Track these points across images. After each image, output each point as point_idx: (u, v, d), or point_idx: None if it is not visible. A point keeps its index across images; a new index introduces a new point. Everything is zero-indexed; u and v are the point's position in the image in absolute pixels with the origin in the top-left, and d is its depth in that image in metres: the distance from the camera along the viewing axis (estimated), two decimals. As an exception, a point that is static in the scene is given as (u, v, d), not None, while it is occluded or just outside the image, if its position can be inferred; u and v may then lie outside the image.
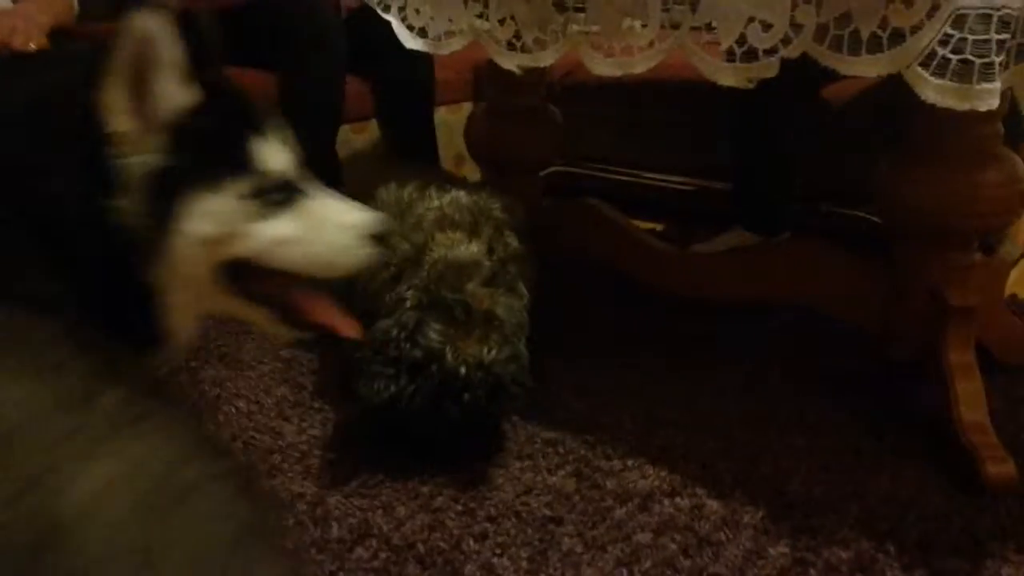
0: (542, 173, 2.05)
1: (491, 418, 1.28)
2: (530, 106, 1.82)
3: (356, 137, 2.52)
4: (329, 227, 0.81)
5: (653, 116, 2.36)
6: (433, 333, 1.19)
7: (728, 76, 1.16)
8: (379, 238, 0.82)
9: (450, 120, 2.70)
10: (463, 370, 1.17)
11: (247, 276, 0.78)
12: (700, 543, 1.05)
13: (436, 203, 1.41)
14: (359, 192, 2.06)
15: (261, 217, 0.76)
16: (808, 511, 1.11)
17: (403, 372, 1.18)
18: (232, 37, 2.24)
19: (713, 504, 1.13)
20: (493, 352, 1.20)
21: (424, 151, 2.56)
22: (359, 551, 1.04)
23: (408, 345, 1.19)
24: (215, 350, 1.61)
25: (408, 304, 1.23)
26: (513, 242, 1.42)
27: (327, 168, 2.38)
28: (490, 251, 1.35)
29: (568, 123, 1.90)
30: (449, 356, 1.18)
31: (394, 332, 1.20)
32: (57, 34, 1.68)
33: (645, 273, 1.73)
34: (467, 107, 2.73)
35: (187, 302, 0.76)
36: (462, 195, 1.44)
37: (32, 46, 1.55)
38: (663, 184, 2.49)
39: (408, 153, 2.55)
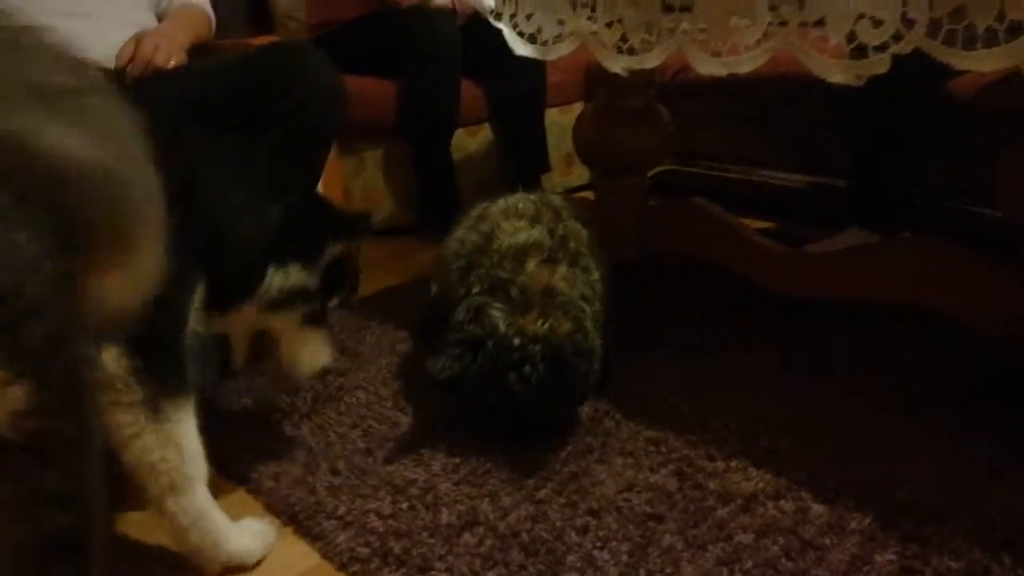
0: (651, 172, 2.06)
1: (561, 395, 1.29)
2: (638, 106, 1.84)
3: (470, 140, 2.60)
4: (313, 350, 1.25)
5: (767, 113, 2.32)
6: (494, 312, 1.27)
7: (837, 73, 1.15)
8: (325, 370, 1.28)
9: (561, 121, 2.74)
10: (517, 341, 1.24)
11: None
12: (803, 546, 1.05)
13: (502, 201, 1.54)
14: (472, 192, 2.13)
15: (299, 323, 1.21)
16: (918, 519, 1.08)
17: (466, 350, 1.26)
18: (354, 48, 2.38)
19: (818, 508, 1.12)
20: (548, 324, 1.25)
21: (535, 153, 2.62)
22: (467, 536, 1.10)
23: (472, 326, 1.27)
24: (337, 344, 1.71)
25: (475, 291, 1.32)
26: (572, 223, 1.48)
27: (441, 171, 2.48)
28: (550, 233, 1.42)
29: (680, 121, 1.90)
30: (503, 330, 1.25)
31: (461, 316, 1.30)
32: (197, 49, 1.82)
33: (756, 273, 1.71)
34: (578, 108, 2.76)
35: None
36: (526, 194, 1.56)
37: (173, 63, 1.69)
38: (776, 182, 2.44)
39: (520, 155, 2.62)
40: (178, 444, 1.02)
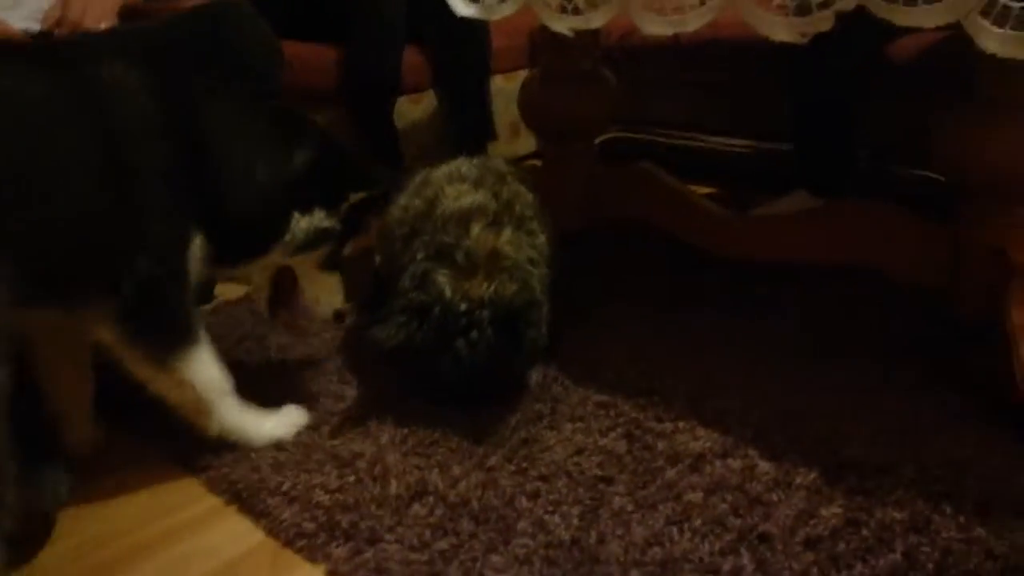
0: (598, 139, 2.04)
1: (509, 359, 1.28)
2: (584, 71, 1.82)
3: (413, 108, 2.54)
4: (329, 290, 1.33)
5: (711, 78, 2.32)
6: (440, 278, 1.26)
7: (782, 31, 1.14)
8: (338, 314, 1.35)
9: (506, 88, 2.70)
10: (464, 306, 1.23)
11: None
12: (751, 503, 1.06)
13: (445, 166, 1.52)
14: (416, 162, 2.10)
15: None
16: (863, 473, 1.10)
17: (412, 317, 1.24)
18: (294, 12, 2.29)
19: (765, 466, 1.13)
20: (494, 288, 1.24)
21: (480, 120, 2.57)
22: (416, 507, 1.08)
23: (417, 293, 1.26)
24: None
25: (419, 257, 1.31)
26: (517, 186, 1.46)
27: (384, 138, 2.42)
28: (495, 197, 1.40)
29: (626, 87, 1.88)
30: (449, 294, 1.24)
31: (406, 283, 1.29)
32: (126, 13, 1.74)
33: (702, 238, 1.72)
34: (523, 75, 2.71)
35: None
36: (469, 159, 1.54)
37: (103, 25, 1.61)
38: (722, 147, 2.45)
39: (464, 122, 2.57)
40: (190, 384, 1.12)
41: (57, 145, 0.98)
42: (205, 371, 1.14)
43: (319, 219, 1.22)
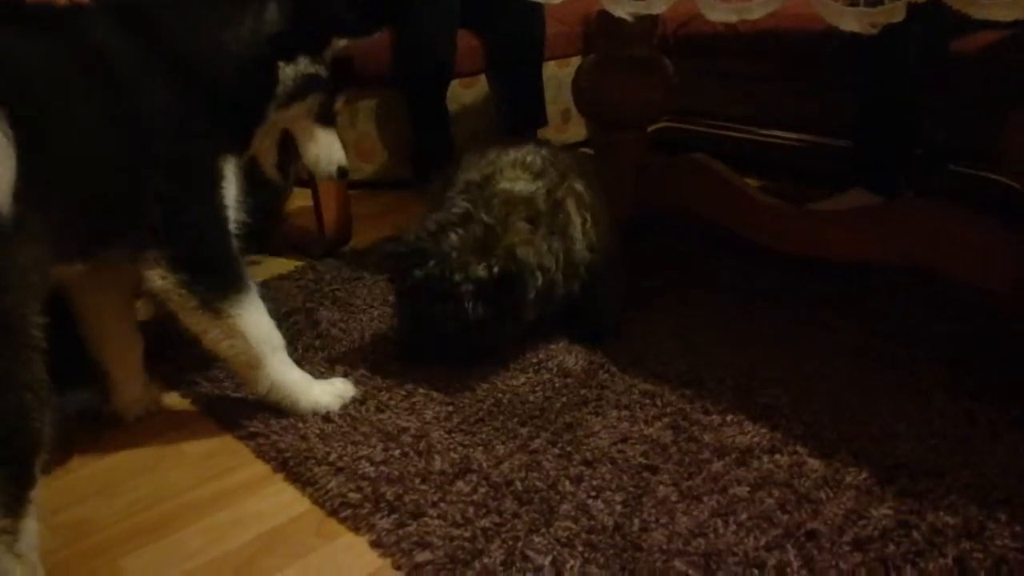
0: (651, 128, 2.02)
1: (480, 333, 1.33)
2: (641, 57, 1.79)
3: (465, 92, 2.54)
4: (328, 148, 1.35)
5: (768, 70, 2.27)
6: (453, 236, 1.30)
7: (851, 21, 1.11)
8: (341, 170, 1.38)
9: (559, 75, 2.68)
10: (457, 277, 1.27)
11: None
12: (799, 500, 1.04)
13: (513, 151, 1.50)
14: (466, 145, 2.09)
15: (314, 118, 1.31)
16: (915, 475, 1.07)
17: (415, 254, 1.31)
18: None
19: (815, 463, 1.11)
20: (488, 274, 1.28)
21: (532, 106, 2.56)
22: (460, 484, 1.09)
23: (436, 225, 1.33)
24: (330, 293, 1.69)
25: (456, 208, 1.35)
26: (576, 184, 1.45)
27: (436, 122, 2.43)
28: (548, 194, 1.39)
29: (680, 77, 1.86)
30: (453, 257, 1.29)
31: (431, 226, 1.34)
32: None
33: (757, 231, 1.69)
34: (576, 62, 2.71)
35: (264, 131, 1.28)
36: (539, 148, 1.52)
37: None
38: (777, 141, 2.40)
39: (516, 108, 2.57)
40: (242, 333, 1.15)
41: (70, 104, 1.01)
42: (257, 320, 1.17)
43: (304, 66, 1.23)
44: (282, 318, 1.56)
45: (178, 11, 1.15)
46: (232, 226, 1.15)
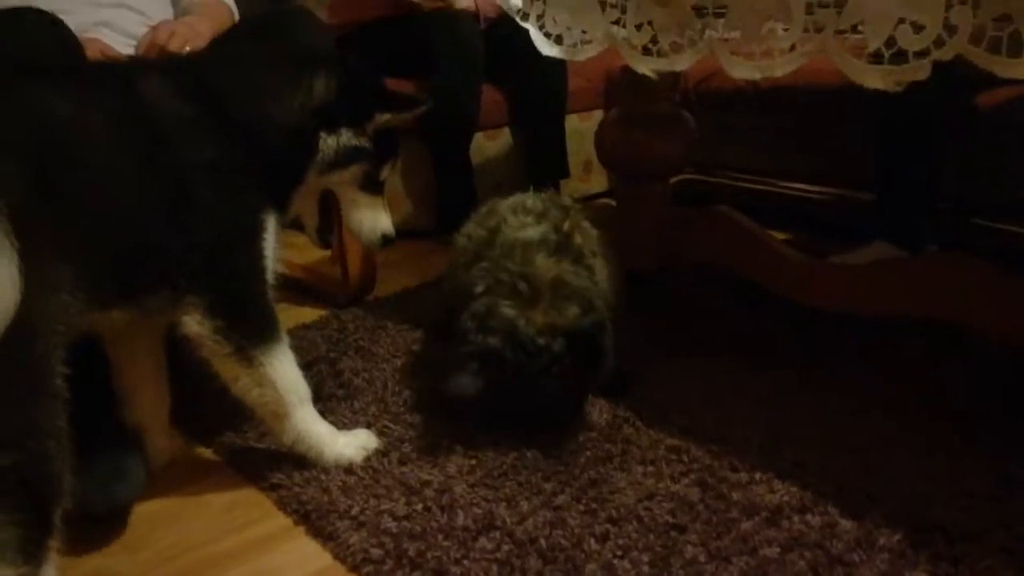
0: (672, 180, 2.03)
1: (586, 385, 1.32)
2: (664, 112, 1.82)
3: (489, 144, 2.58)
4: (373, 215, 1.39)
5: (789, 123, 2.29)
6: (505, 309, 1.24)
7: (876, 79, 1.12)
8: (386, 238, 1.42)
9: (580, 128, 2.72)
10: (541, 341, 1.21)
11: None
12: (832, 562, 1.02)
13: (511, 198, 1.54)
14: (490, 197, 2.13)
15: (358, 186, 1.35)
16: (950, 537, 1.05)
17: (486, 363, 1.22)
18: (375, 49, 2.36)
19: (846, 524, 1.08)
20: (561, 314, 1.24)
21: (554, 158, 2.59)
22: (483, 541, 1.07)
23: (482, 336, 1.23)
24: (353, 343, 1.70)
25: (478, 290, 1.30)
26: (580, 221, 1.47)
27: (460, 173, 2.46)
28: (555, 230, 1.40)
29: (701, 131, 1.88)
30: (522, 325, 1.22)
31: (468, 323, 1.26)
32: None
33: (781, 284, 1.68)
34: (598, 115, 2.75)
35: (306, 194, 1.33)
36: (535, 193, 1.56)
37: (187, 49, 1.68)
38: (798, 193, 2.41)
39: (539, 160, 2.60)
40: (272, 382, 1.17)
41: (111, 158, 1.04)
42: (287, 371, 1.19)
43: (347, 137, 1.28)
44: (305, 367, 1.55)
45: (235, 80, 1.21)
46: (270, 276, 1.18)
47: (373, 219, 1.39)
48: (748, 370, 1.52)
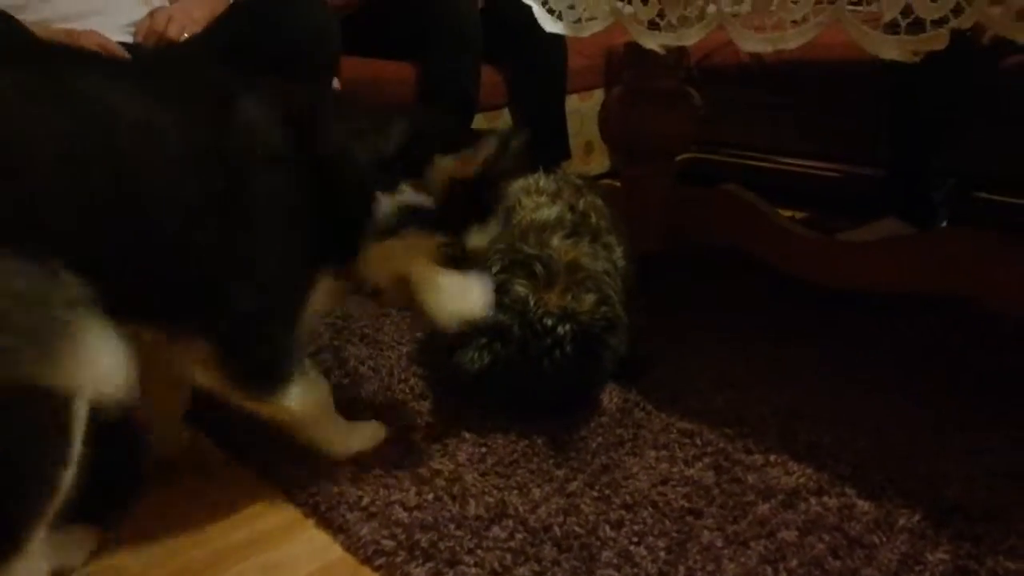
0: (676, 159, 2.01)
1: (592, 372, 1.28)
2: (668, 89, 1.78)
3: (489, 125, 2.54)
4: (459, 298, 1.10)
5: (795, 100, 2.26)
6: (519, 287, 1.23)
7: (892, 49, 1.09)
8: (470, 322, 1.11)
9: (581, 108, 2.69)
10: (548, 321, 1.20)
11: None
12: (851, 544, 1.00)
13: (523, 179, 1.51)
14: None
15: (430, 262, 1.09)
16: (970, 517, 1.03)
17: (494, 338, 1.21)
18: (373, 31, 2.33)
19: (864, 505, 1.07)
20: (572, 297, 1.22)
21: (555, 138, 2.56)
22: (496, 530, 1.05)
23: (492, 311, 1.15)
24: (357, 330, 1.68)
25: (495, 269, 1.27)
26: (593, 200, 1.45)
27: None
28: (571, 209, 1.39)
29: (705, 108, 1.84)
30: (532, 304, 1.21)
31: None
32: None
33: (790, 262, 1.66)
34: (598, 94, 2.71)
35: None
36: (546, 173, 1.55)
37: (186, 36, 1.65)
38: (805, 170, 2.38)
39: (539, 141, 2.56)
40: (290, 412, 1.11)
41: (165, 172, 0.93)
42: (302, 401, 1.11)
43: (406, 193, 1.05)
44: (309, 357, 1.54)
45: (334, 122, 1.06)
46: (301, 332, 1.08)
47: (454, 296, 1.09)
48: (758, 350, 1.50)
